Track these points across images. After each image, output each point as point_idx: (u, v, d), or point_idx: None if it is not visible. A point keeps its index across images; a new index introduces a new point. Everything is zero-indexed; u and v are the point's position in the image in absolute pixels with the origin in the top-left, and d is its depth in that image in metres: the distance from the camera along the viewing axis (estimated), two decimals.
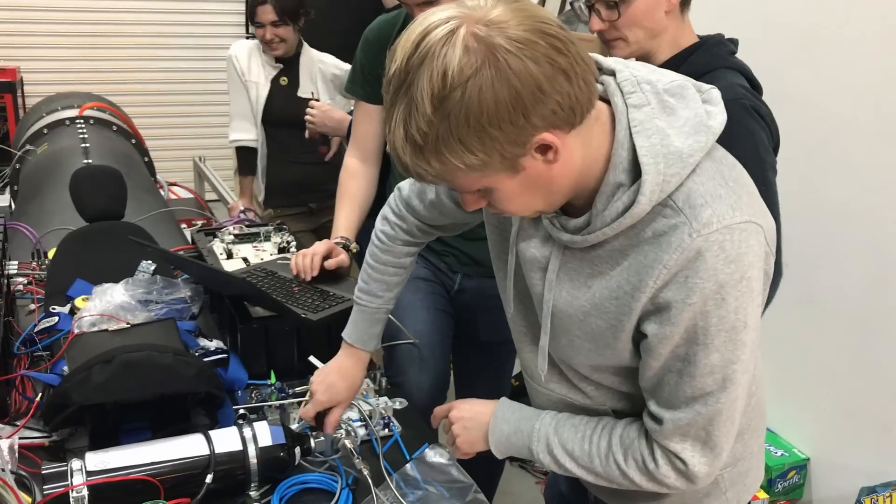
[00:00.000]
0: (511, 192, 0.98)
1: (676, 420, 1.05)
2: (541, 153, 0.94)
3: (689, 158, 0.97)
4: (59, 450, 1.36)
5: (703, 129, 0.98)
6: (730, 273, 0.95)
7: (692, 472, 1.07)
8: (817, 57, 2.40)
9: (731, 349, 1.00)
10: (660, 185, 0.96)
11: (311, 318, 1.62)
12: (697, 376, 1.01)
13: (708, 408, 1.03)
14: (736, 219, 0.96)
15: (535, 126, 0.90)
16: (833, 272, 2.40)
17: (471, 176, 0.95)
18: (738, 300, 0.97)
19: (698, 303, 0.96)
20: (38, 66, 5.21)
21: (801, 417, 2.58)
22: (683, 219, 0.96)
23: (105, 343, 1.45)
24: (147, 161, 3.15)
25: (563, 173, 0.98)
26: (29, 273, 2.01)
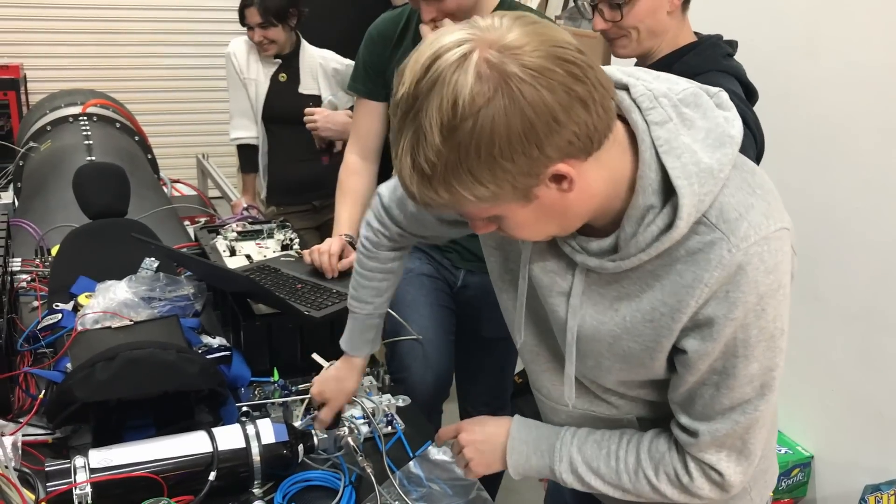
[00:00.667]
0: (523, 221, 0.95)
1: (714, 432, 1.03)
2: (555, 183, 0.89)
3: (719, 174, 0.93)
4: (62, 447, 1.36)
5: (727, 141, 0.95)
6: (769, 283, 0.94)
7: (728, 482, 1.05)
8: (821, 55, 2.39)
9: (770, 357, 0.98)
10: (696, 206, 0.92)
11: (315, 315, 1.62)
12: (736, 388, 0.99)
13: (746, 416, 1.01)
14: (771, 228, 0.93)
15: (550, 157, 0.86)
16: (837, 270, 2.39)
17: (481, 206, 0.91)
18: (777, 308, 0.96)
19: (740, 317, 0.94)
20: (42, 63, 5.21)
21: (806, 415, 2.58)
22: (720, 234, 0.93)
23: (108, 340, 1.46)
24: (150, 158, 3.15)
25: (580, 200, 0.93)
26: (32, 270, 2.01)
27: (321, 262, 1.83)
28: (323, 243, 1.86)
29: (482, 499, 1.39)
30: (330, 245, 1.85)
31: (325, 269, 1.82)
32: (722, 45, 1.71)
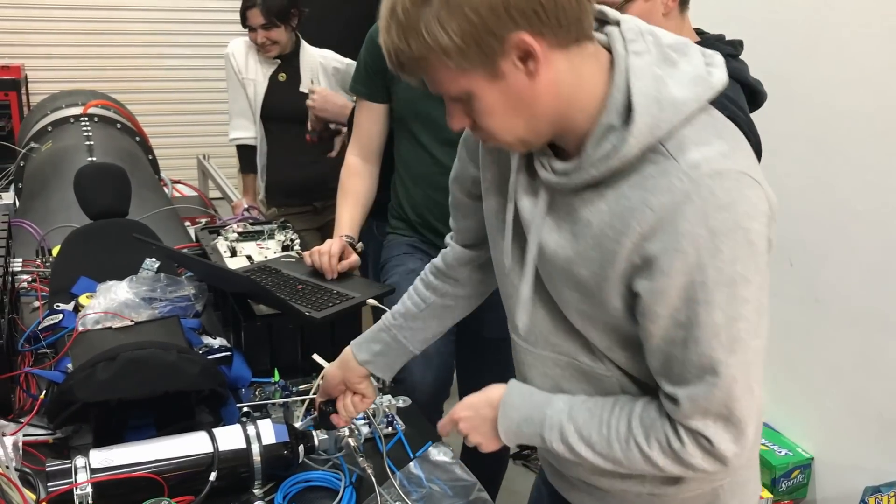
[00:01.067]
0: (492, 104, 0.97)
1: (692, 396, 1.00)
2: (521, 61, 0.93)
3: (683, 106, 0.95)
4: (63, 447, 1.36)
5: (701, 82, 0.97)
6: (722, 220, 0.91)
7: (719, 451, 1.01)
8: (824, 55, 2.39)
9: (734, 306, 0.94)
10: (650, 127, 0.93)
11: (315, 316, 1.62)
12: (703, 340, 0.95)
13: (721, 378, 0.96)
14: (727, 165, 0.93)
15: (514, 20, 0.90)
16: (838, 271, 2.39)
17: (450, 70, 0.95)
18: (735, 252, 0.92)
19: (691, 252, 0.92)
20: (43, 63, 5.22)
21: (806, 416, 2.58)
22: (673, 162, 0.93)
23: (109, 340, 1.46)
24: (151, 159, 3.15)
25: (546, 94, 0.96)
26: (33, 270, 2.02)
27: (321, 263, 1.83)
28: (323, 244, 1.86)
29: (482, 499, 1.39)
30: (330, 246, 1.85)
31: (325, 269, 1.82)
32: (722, 45, 1.70)
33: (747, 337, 0.96)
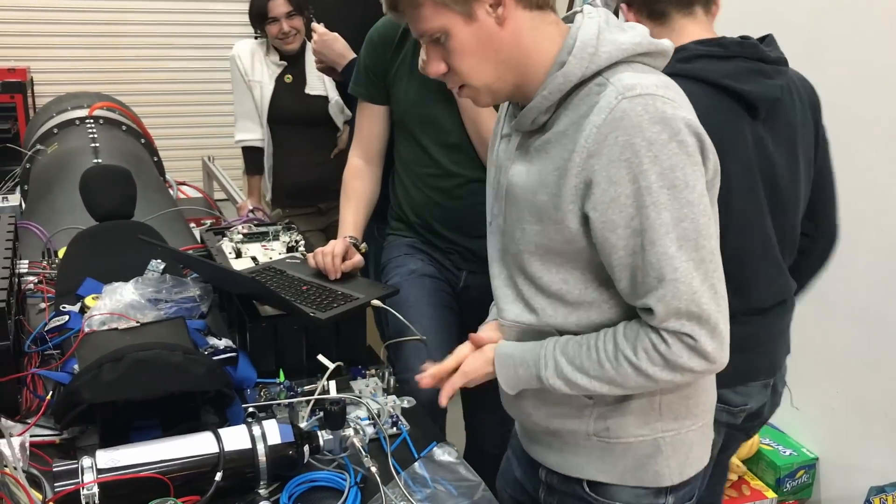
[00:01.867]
0: (465, 43, 1.14)
1: (661, 297, 1.08)
2: (493, 8, 1.11)
3: (623, 45, 1.11)
4: (69, 447, 1.37)
5: (644, 37, 1.13)
6: (656, 132, 1.04)
7: (702, 346, 1.09)
8: (825, 57, 2.39)
9: (679, 206, 1.05)
10: (591, 54, 1.10)
11: (320, 317, 1.62)
12: (657, 241, 1.06)
13: (680, 273, 1.06)
14: (660, 93, 1.06)
15: None
16: (843, 271, 2.39)
17: (432, 7, 1.12)
18: (672, 160, 1.05)
19: (632, 158, 1.04)
20: (48, 66, 5.23)
21: (810, 417, 2.58)
22: (611, 87, 1.08)
23: (115, 341, 1.46)
24: (156, 161, 3.16)
25: (510, 43, 1.13)
26: (39, 272, 2.02)
27: (324, 264, 1.83)
28: (327, 245, 1.87)
29: (487, 499, 1.39)
30: (333, 247, 1.85)
31: (328, 270, 1.82)
32: (685, 48, 1.55)
33: (697, 237, 1.07)
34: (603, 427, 1.24)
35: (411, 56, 1.98)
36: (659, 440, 1.23)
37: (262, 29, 3.04)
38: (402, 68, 2.01)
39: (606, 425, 1.24)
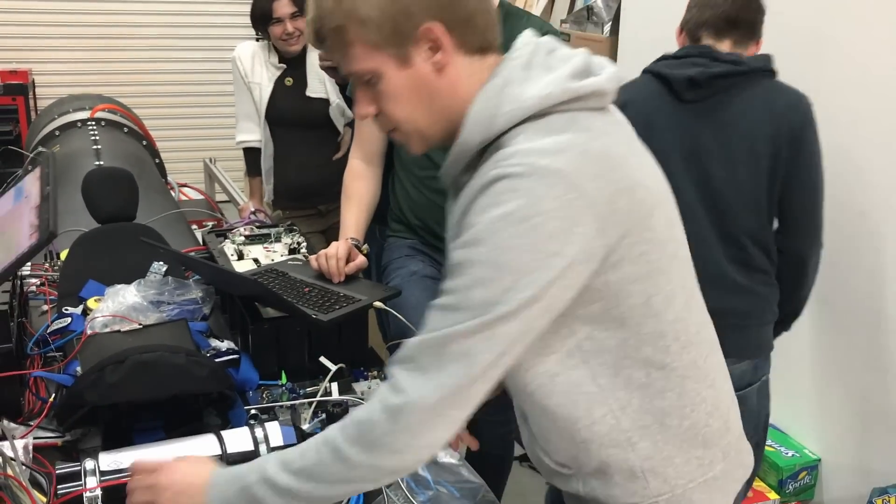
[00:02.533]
0: (398, 88, 1.07)
1: (413, 342, 1.02)
2: (430, 51, 1.05)
3: (525, 103, 1.02)
4: (72, 450, 1.37)
5: (559, 85, 1.03)
6: (514, 207, 0.96)
7: (399, 383, 1.00)
8: (827, 57, 2.39)
9: (495, 290, 0.97)
10: (488, 117, 1.03)
11: (322, 318, 1.62)
12: (458, 309, 0.99)
13: (447, 328, 0.98)
14: (541, 162, 0.97)
15: (430, 8, 1.02)
16: (844, 273, 2.39)
17: (365, 45, 1.04)
18: (514, 240, 0.96)
19: (478, 229, 0.98)
20: (50, 68, 5.24)
21: (813, 418, 2.58)
22: (500, 152, 1.01)
23: (118, 344, 1.46)
24: (158, 163, 3.17)
25: (447, 92, 1.07)
26: (42, 274, 2.02)
27: (328, 267, 1.83)
28: (329, 247, 1.87)
29: (489, 501, 1.39)
30: (336, 249, 1.85)
31: (332, 272, 1.82)
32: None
33: (493, 319, 0.97)
34: (592, 493, 1.18)
35: None
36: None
37: (265, 30, 3.04)
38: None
39: (595, 495, 1.18)
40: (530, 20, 2.00)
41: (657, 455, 1.13)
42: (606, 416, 1.11)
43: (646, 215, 1.04)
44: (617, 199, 1.00)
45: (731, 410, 1.23)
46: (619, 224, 1.01)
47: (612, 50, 3.47)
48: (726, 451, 1.20)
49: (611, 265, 1.02)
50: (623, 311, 1.06)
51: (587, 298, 1.04)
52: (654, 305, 1.07)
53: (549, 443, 1.19)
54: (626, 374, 1.10)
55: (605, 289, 1.04)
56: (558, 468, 1.21)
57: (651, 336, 1.09)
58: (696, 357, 1.14)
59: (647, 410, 1.12)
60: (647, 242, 1.05)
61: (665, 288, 1.08)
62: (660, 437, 1.13)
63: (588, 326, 1.07)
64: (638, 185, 1.04)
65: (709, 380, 1.17)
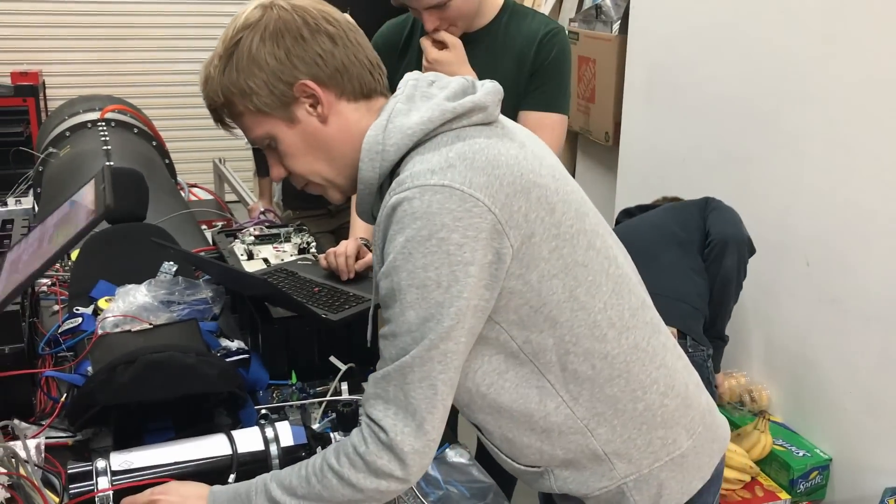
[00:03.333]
0: (293, 147, 1.15)
1: (375, 378, 1.08)
2: (313, 108, 1.12)
3: (409, 130, 1.08)
4: (83, 449, 1.37)
5: (437, 108, 1.09)
6: (416, 229, 1.01)
7: (396, 442, 1.04)
8: (840, 54, 2.38)
9: (426, 307, 1.02)
10: (378, 152, 1.09)
11: (332, 318, 1.62)
12: (399, 335, 1.05)
13: (400, 360, 1.04)
14: (430, 181, 1.02)
15: (297, 68, 1.10)
16: (856, 271, 2.38)
17: (253, 114, 1.13)
18: (427, 258, 1.01)
19: (393, 257, 1.03)
20: (60, 69, 5.27)
21: (824, 417, 2.56)
22: (396, 180, 1.06)
23: (128, 343, 1.47)
24: (168, 163, 3.17)
25: (339, 139, 1.14)
26: (53, 275, 2.03)
27: (337, 264, 1.84)
28: (339, 246, 1.87)
29: (499, 501, 1.39)
30: (346, 247, 1.85)
31: (341, 270, 1.83)
32: None
33: (437, 338, 1.03)
34: (566, 486, 1.22)
35: (416, 61, 1.98)
36: (622, 486, 1.20)
37: None
38: (407, 73, 2.01)
39: (568, 486, 1.21)
40: (536, 17, 1.99)
41: (617, 439, 1.18)
42: (560, 406, 1.15)
43: (548, 213, 1.08)
44: (512, 203, 1.04)
45: (688, 387, 1.25)
46: (519, 226, 1.05)
47: (622, 49, 3.46)
48: (690, 428, 1.23)
49: (525, 265, 1.07)
50: (551, 310, 1.10)
51: (515, 303, 1.08)
52: (579, 298, 1.11)
53: (513, 445, 1.21)
54: (571, 368, 1.13)
55: (527, 289, 1.08)
56: (529, 469, 1.24)
57: (585, 328, 1.12)
58: (638, 340, 1.17)
59: (599, 399, 1.16)
60: (555, 238, 1.08)
61: (586, 279, 1.12)
62: (616, 422, 1.17)
63: (524, 331, 1.11)
64: (533, 185, 1.07)
65: (657, 360, 1.19)
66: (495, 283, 1.06)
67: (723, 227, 2.48)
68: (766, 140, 2.68)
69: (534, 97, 1.95)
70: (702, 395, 1.28)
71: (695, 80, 3.02)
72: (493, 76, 1.98)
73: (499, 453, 1.25)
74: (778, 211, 2.63)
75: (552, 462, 1.21)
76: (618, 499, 1.21)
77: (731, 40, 2.81)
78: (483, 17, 1.94)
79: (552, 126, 1.96)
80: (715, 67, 2.89)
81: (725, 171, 2.86)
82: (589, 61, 3.69)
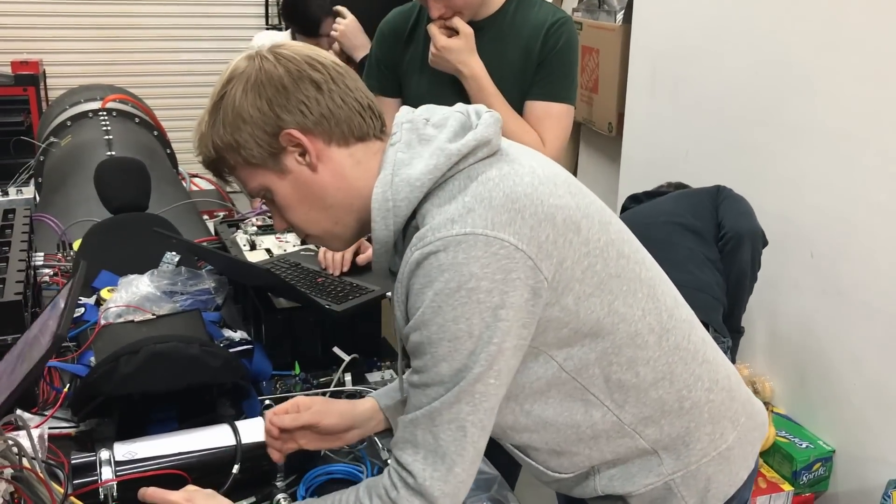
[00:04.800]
0: (288, 199, 1.12)
1: (403, 422, 1.06)
2: (302, 157, 1.09)
3: (416, 182, 1.05)
4: (86, 440, 1.37)
5: (441, 153, 1.05)
6: (445, 281, 0.99)
7: (425, 487, 1.03)
8: (845, 48, 2.36)
9: (459, 359, 1.00)
10: (389, 209, 1.06)
11: (335, 308, 1.62)
12: (431, 385, 1.03)
13: (430, 404, 1.03)
14: (453, 231, 0.99)
15: (281, 118, 1.07)
16: (860, 263, 2.37)
17: (244, 167, 1.11)
18: (457, 310, 0.99)
19: (422, 311, 1.01)
20: (61, 58, 5.24)
21: (828, 409, 2.56)
22: (417, 232, 1.03)
23: (131, 334, 1.46)
24: (169, 153, 3.16)
25: (332, 186, 1.10)
26: (55, 265, 2.03)
27: (325, 258, 1.80)
28: None
29: (503, 492, 1.39)
30: None
31: (335, 266, 1.79)
32: None
33: (471, 386, 1.01)
34: (610, 485, 1.20)
35: (422, 49, 1.97)
36: (670, 483, 1.19)
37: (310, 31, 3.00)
38: (413, 61, 2.00)
39: (613, 484, 1.20)
40: (543, 7, 1.98)
41: (665, 438, 1.17)
42: (606, 415, 1.14)
43: (575, 233, 1.06)
44: (538, 234, 1.02)
45: (731, 379, 1.25)
46: (550, 255, 1.03)
47: (625, 38, 3.45)
48: (735, 420, 1.23)
49: (560, 292, 1.05)
50: (592, 326, 1.09)
51: (554, 327, 1.07)
52: (618, 310, 1.09)
53: (562, 457, 1.20)
54: (615, 378, 1.12)
55: (565, 314, 1.06)
56: (575, 476, 1.22)
57: (626, 338, 1.11)
58: (678, 340, 1.16)
59: (645, 403, 1.15)
60: (586, 256, 1.06)
61: (621, 290, 1.10)
62: (664, 422, 1.16)
63: (564, 350, 1.10)
64: (556, 209, 1.05)
65: (699, 357, 1.19)
66: (532, 319, 1.04)
67: (736, 219, 2.44)
68: (770, 131, 2.66)
69: (540, 87, 1.93)
70: (741, 385, 1.28)
71: (699, 70, 3.00)
72: (500, 65, 1.99)
73: (544, 471, 1.23)
74: (782, 202, 2.62)
75: (600, 463, 1.20)
76: (664, 495, 1.19)
77: (735, 30, 2.79)
78: (489, 5, 1.93)
79: (558, 116, 1.94)
80: (719, 57, 2.88)
81: (729, 162, 2.85)
82: (592, 51, 3.67)
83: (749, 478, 1.27)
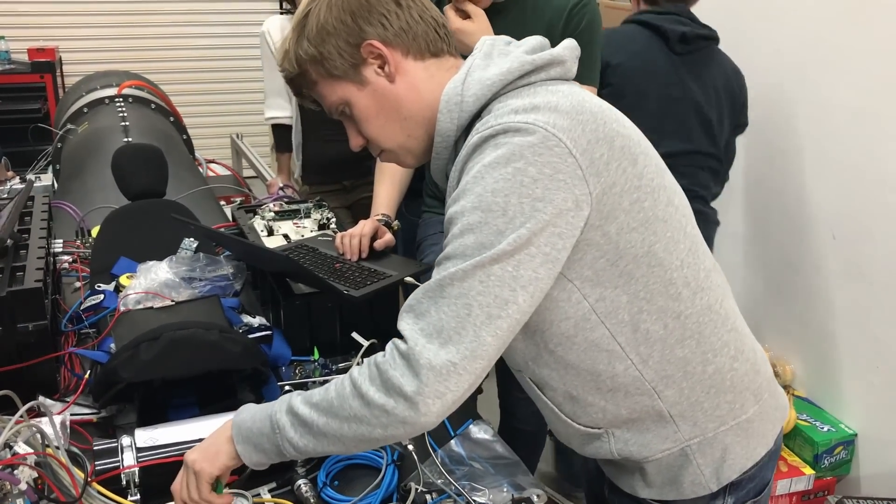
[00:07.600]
0: (366, 111, 1.17)
1: (414, 292, 1.05)
2: (381, 68, 1.15)
3: (488, 81, 1.09)
4: (108, 426, 1.38)
5: (516, 60, 1.10)
6: (495, 156, 1.01)
7: (413, 352, 0.98)
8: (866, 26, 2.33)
9: (486, 233, 0.99)
10: (456, 104, 1.11)
11: (354, 294, 1.61)
12: (452, 258, 1.01)
13: (440, 274, 1.01)
14: (515, 119, 1.03)
15: (364, 30, 1.13)
16: (883, 244, 2.34)
17: (326, 80, 1.16)
18: (499, 183, 1.00)
19: (465, 181, 1.03)
20: (77, 45, 5.26)
21: (850, 392, 2.54)
22: (479, 123, 1.08)
23: (151, 320, 1.47)
24: (185, 139, 3.16)
25: (408, 98, 1.15)
26: (73, 251, 2.03)
27: (343, 243, 1.80)
28: (356, 226, 1.85)
29: (524, 476, 1.39)
30: (362, 227, 1.83)
31: (351, 250, 1.79)
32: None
33: (484, 258, 0.98)
34: (626, 449, 1.19)
35: None
36: (686, 449, 1.18)
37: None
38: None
39: (629, 449, 1.19)
40: None
41: (684, 401, 1.16)
42: (629, 369, 1.13)
43: (630, 163, 1.06)
44: (594, 149, 1.03)
45: (756, 353, 1.24)
46: (601, 173, 1.03)
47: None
48: (758, 394, 1.22)
49: (604, 216, 1.04)
50: (628, 264, 1.08)
51: (592, 255, 1.06)
52: (657, 254, 1.09)
53: (576, 403, 1.18)
54: (643, 328, 1.11)
55: (606, 241, 1.06)
56: (588, 430, 1.21)
57: (660, 285, 1.10)
58: (711, 302, 1.15)
59: (669, 360, 1.14)
60: (637, 190, 1.06)
61: (665, 235, 1.09)
62: (685, 384, 1.15)
63: (598, 288, 1.08)
64: (617, 134, 1.06)
65: (728, 324, 1.18)
66: (570, 232, 1.02)
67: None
68: (790, 111, 2.63)
69: None
70: (766, 364, 1.27)
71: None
72: None
73: (559, 413, 1.21)
74: (803, 183, 2.59)
75: (614, 423, 1.18)
76: (680, 461, 1.18)
77: (755, 7, 2.75)
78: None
79: None
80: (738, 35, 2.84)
81: (749, 143, 2.81)
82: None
83: (770, 458, 1.25)
